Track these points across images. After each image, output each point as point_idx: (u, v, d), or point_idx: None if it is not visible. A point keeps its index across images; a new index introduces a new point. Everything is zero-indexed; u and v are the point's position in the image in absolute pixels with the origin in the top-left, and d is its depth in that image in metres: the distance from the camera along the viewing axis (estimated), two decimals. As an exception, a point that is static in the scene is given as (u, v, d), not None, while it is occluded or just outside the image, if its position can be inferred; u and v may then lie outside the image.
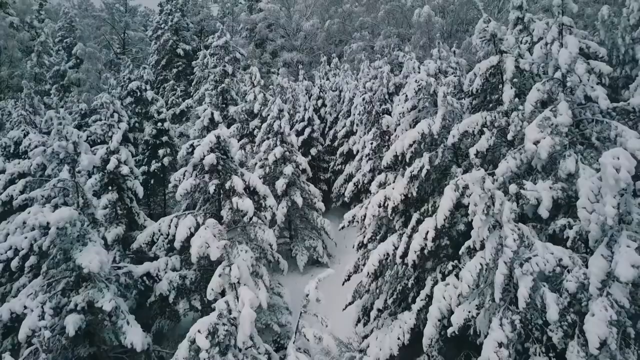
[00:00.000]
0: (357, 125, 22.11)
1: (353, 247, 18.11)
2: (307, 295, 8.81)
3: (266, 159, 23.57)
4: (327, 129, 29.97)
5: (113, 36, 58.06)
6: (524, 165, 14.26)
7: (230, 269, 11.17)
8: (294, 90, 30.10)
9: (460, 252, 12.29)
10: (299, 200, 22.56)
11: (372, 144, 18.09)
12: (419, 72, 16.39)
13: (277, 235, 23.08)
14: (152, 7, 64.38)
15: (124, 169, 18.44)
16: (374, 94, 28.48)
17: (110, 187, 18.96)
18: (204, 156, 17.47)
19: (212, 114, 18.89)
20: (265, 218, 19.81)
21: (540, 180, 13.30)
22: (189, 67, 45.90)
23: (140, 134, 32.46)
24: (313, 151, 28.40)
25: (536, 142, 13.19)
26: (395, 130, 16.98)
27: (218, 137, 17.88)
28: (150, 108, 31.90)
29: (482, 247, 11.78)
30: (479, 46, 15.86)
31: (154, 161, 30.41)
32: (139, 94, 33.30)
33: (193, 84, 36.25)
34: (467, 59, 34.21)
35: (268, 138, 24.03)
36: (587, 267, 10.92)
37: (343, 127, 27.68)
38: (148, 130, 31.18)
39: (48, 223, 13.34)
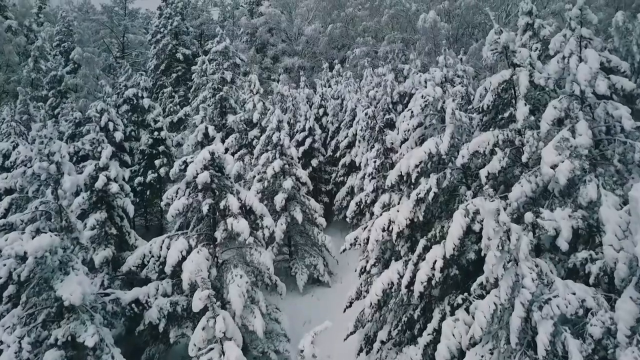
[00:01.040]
0: (359, 141, 21.07)
1: (355, 271, 17.09)
2: (302, 352, 7.78)
3: (264, 172, 22.56)
4: (328, 138, 28.94)
5: (112, 40, 57.17)
6: (539, 189, 13.23)
7: (215, 321, 10.12)
8: (294, 98, 29.10)
9: (471, 289, 11.22)
10: (299, 216, 21.55)
11: (375, 161, 17.03)
12: (425, 87, 15.33)
13: (276, 252, 22.09)
14: (153, 10, 63.28)
15: (114, 187, 17.47)
16: (377, 103, 27.50)
17: (99, 205, 17.99)
18: (197, 174, 16.50)
19: (207, 128, 17.96)
20: (264, 236, 18.85)
21: (559, 207, 12.24)
22: (188, 71, 44.91)
23: (136, 143, 31.53)
24: (314, 162, 27.39)
25: (554, 166, 12.16)
26: (400, 147, 15.95)
27: (212, 154, 16.90)
28: (147, 116, 30.98)
29: (496, 283, 10.73)
30: (489, 59, 14.78)
31: (150, 172, 29.45)
32: (135, 101, 32.37)
33: (191, 90, 35.30)
34: (473, 65, 33.10)
35: (267, 150, 23.01)
36: (613, 310, 9.89)
37: (345, 138, 26.66)
38: (144, 139, 30.24)
39: (25, 252, 12.38)
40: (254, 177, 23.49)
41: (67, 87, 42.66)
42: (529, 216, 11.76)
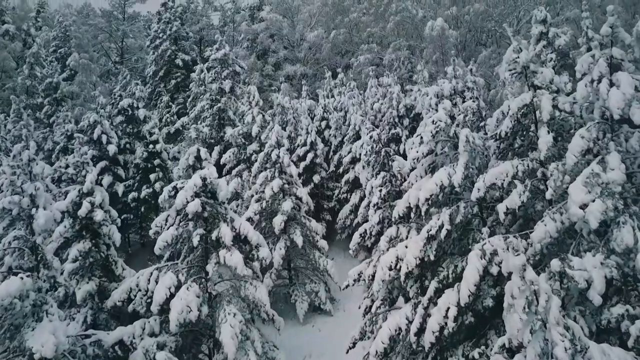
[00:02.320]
0: (363, 167, 19.71)
1: (359, 308, 15.75)
2: None
3: (263, 191, 21.22)
4: (331, 153, 27.58)
5: (111, 44, 55.96)
6: (565, 227, 11.85)
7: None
8: (295, 110, 27.76)
9: (492, 353, 9.84)
10: (299, 240, 20.21)
11: (381, 190, 15.65)
12: (435, 109, 13.96)
13: (275, 277, 20.77)
14: (155, 13, 61.95)
15: (99, 215, 16.15)
16: (382, 116, 26.15)
17: (84, 233, 16.67)
18: (187, 202, 15.19)
19: (199, 151, 16.64)
20: (263, 262, 17.53)
21: (588, 251, 10.86)
22: (187, 78, 43.62)
23: (131, 156, 30.29)
24: (316, 178, 26.03)
25: (583, 206, 10.79)
26: (408, 175, 14.59)
27: (204, 179, 15.60)
28: (143, 128, 29.73)
29: (520, 346, 9.37)
30: (507, 80, 13.41)
31: (145, 186, 28.16)
32: (130, 112, 31.09)
33: (189, 100, 34.00)
34: (483, 74, 31.74)
35: (265, 169, 21.69)
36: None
37: (349, 153, 25.30)
38: (139, 152, 28.98)
39: (-9, 300, 11.10)
40: (252, 195, 22.19)
41: (63, 95, 41.45)
42: (555, 264, 10.39)
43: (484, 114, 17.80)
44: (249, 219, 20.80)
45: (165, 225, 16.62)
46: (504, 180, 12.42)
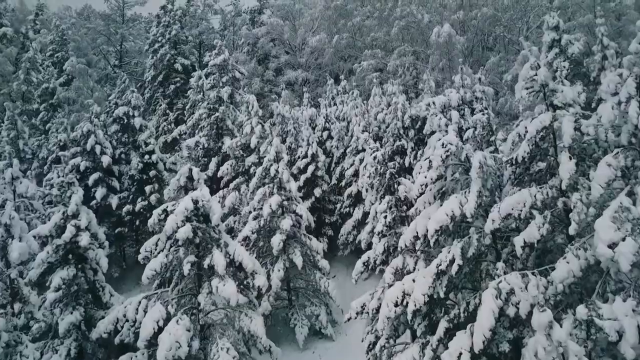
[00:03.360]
0: (366, 190, 18.59)
1: (362, 341, 14.66)
2: None
3: (261, 208, 20.14)
4: (333, 164, 26.48)
5: (110, 48, 54.96)
6: (589, 265, 10.75)
7: None
8: (296, 120, 26.68)
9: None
10: (299, 261, 19.13)
11: (385, 217, 14.53)
12: (446, 131, 12.86)
13: (273, 300, 19.65)
14: (154, 16, 60.91)
15: (84, 239, 15.14)
16: (387, 127, 25.06)
17: (69, 258, 15.65)
18: (178, 228, 14.16)
19: (191, 170, 15.59)
20: (257, 291, 16.52)
21: (618, 296, 9.75)
22: (187, 83, 42.50)
23: (126, 166, 29.28)
24: (317, 192, 24.93)
25: (612, 245, 9.69)
26: (415, 200, 13.49)
27: (196, 202, 14.59)
28: (138, 137, 28.71)
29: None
30: (524, 99, 12.30)
31: (140, 199, 27.13)
32: (125, 120, 30.14)
33: (187, 107, 32.96)
34: (491, 80, 30.57)
35: (264, 184, 20.60)
36: None
37: (351, 165, 24.20)
38: (134, 162, 27.95)
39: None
40: (250, 212, 21.10)
41: (60, 101, 40.50)
42: (582, 311, 9.31)
43: (495, 127, 16.74)
44: (246, 238, 19.80)
45: (156, 249, 15.57)
46: (521, 210, 11.33)
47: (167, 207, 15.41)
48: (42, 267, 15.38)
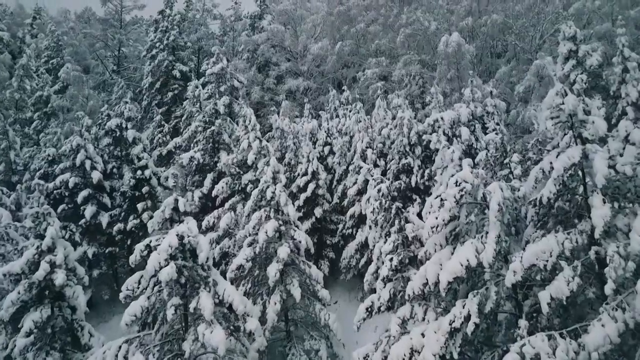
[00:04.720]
0: (370, 227, 17.15)
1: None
2: None
3: (256, 234, 18.74)
4: (335, 182, 25.07)
5: (109, 53, 53.69)
6: (627, 327, 9.29)
7: None
8: (296, 134, 25.30)
9: None
10: (297, 293, 17.75)
11: (392, 260, 13.05)
12: (460, 166, 11.41)
13: (269, 334, 18.24)
14: (152, 21, 59.60)
15: (59, 277, 13.78)
16: (392, 144, 23.63)
17: (44, 295, 14.30)
18: (161, 267, 12.79)
19: (177, 201, 14.23)
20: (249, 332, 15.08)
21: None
22: (185, 90, 41.13)
23: (118, 181, 27.99)
24: (318, 211, 23.54)
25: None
26: (425, 240, 12.05)
27: (182, 238, 13.21)
28: (131, 151, 27.38)
29: None
30: (551, 132, 10.84)
31: (132, 217, 25.85)
32: (118, 133, 28.84)
33: (183, 119, 31.59)
34: (502, 91, 29.07)
35: (260, 207, 19.23)
36: None
37: (354, 184, 22.76)
38: (127, 178, 26.64)
39: None
40: (246, 236, 19.70)
41: (54, 109, 39.26)
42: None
43: (509, 149, 15.30)
44: (240, 267, 18.41)
45: (138, 288, 14.19)
46: (547, 261, 9.88)
47: (150, 241, 14.05)
48: (14, 307, 14.02)
